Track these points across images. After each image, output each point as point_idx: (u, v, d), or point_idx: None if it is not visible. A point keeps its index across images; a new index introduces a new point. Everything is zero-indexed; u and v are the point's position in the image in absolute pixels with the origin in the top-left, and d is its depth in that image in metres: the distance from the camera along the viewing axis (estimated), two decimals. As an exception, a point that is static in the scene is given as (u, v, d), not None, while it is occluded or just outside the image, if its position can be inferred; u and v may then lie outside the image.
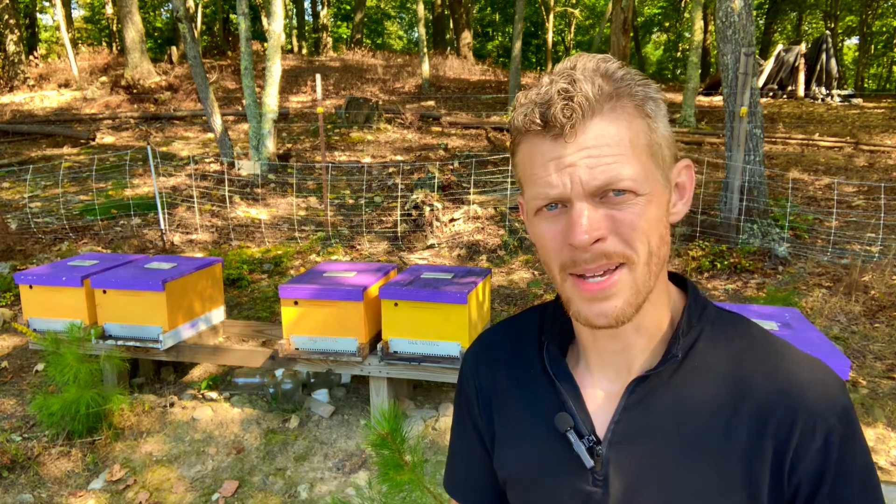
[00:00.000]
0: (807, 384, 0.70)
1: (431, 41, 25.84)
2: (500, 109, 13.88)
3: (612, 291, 0.68)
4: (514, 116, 0.70)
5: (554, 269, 0.71)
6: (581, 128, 0.65)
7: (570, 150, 0.65)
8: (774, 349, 0.74)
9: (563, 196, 0.66)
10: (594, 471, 0.73)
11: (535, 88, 0.68)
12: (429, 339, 3.38)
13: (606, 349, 0.76)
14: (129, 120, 13.72)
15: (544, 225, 0.70)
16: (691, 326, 0.75)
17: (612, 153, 0.65)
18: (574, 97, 0.65)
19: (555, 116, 0.65)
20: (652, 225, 0.68)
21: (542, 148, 0.67)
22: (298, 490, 3.06)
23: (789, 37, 29.04)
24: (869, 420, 3.46)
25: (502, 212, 7.27)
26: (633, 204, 0.66)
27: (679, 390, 0.73)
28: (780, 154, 9.97)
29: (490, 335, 0.91)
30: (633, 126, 0.67)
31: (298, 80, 16.90)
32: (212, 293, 4.09)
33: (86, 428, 3.44)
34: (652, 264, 0.69)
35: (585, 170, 0.65)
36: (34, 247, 6.81)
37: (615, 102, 0.66)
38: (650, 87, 0.69)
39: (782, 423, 0.69)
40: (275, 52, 9.13)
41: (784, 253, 5.87)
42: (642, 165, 0.67)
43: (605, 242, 0.66)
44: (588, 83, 0.65)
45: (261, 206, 8.19)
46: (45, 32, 30.47)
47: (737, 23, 6.12)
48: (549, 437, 0.77)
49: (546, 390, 0.80)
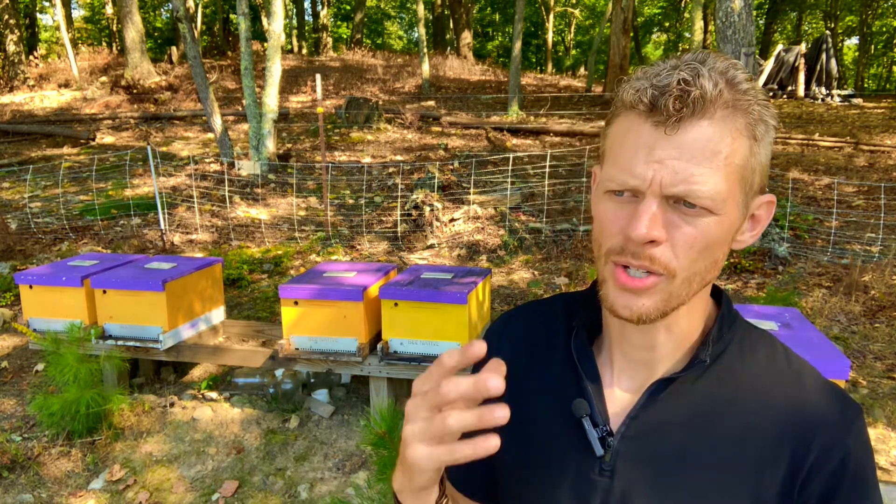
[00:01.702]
0: (827, 406, 0.71)
1: (431, 41, 25.84)
2: (501, 109, 13.88)
3: (647, 292, 0.67)
4: (623, 88, 0.68)
5: (601, 249, 0.70)
6: (685, 125, 0.63)
7: (666, 144, 0.63)
8: (797, 368, 0.75)
9: (639, 189, 0.65)
10: (602, 460, 0.74)
11: (657, 68, 0.65)
12: (429, 339, 3.38)
13: (634, 344, 0.76)
14: (129, 120, 13.73)
15: (609, 206, 0.69)
16: (721, 336, 0.75)
17: (703, 164, 0.63)
18: (691, 92, 0.62)
19: (665, 105, 0.63)
20: (710, 247, 0.66)
21: (638, 130, 0.65)
22: (298, 490, 3.06)
23: (789, 37, 29.05)
24: (869, 420, 3.46)
25: (502, 212, 7.27)
26: (702, 221, 0.65)
27: (700, 396, 0.73)
28: (780, 154, 9.97)
29: (517, 314, 0.91)
30: (736, 143, 0.64)
31: (298, 80, 16.90)
32: (212, 293, 4.09)
33: (86, 428, 3.44)
34: (693, 282, 0.68)
35: (670, 172, 0.63)
36: (34, 247, 6.81)
37: (728, 112, 0.64)
38: (768, 110, 0.67)
39: (800, 440, 0.69)
40: (275, 52, 9.13)
41: (784, 253, 5.87)
42: (727, 186, 0.64)
43: (657, 247, 0.65)
44: (710, 82, 0.63)
45: (261, 206, 8.19)
46: (45, 32, 30.48)
47: (737, 23, 6.12)
48: (560, 422, 0.77)
49: (565, 375, 0.80)
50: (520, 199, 7.69)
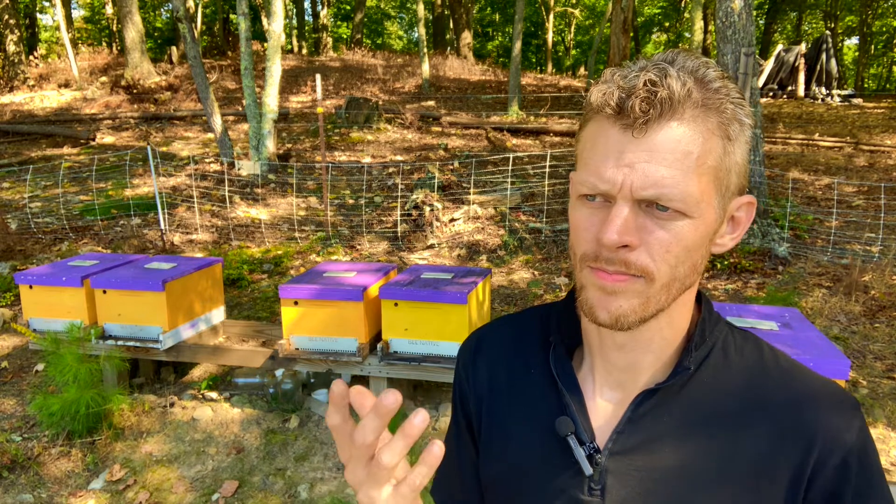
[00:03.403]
0: (823, 403, 0.70)
1: (431, 41, 25.84)
2: (501, 109, 13.88)
3: (621, 290, 0.65)
4: (592, 91, 0.66)
5: (576, 255, 0.69)
6: (654, 126, 0.61)
7: (635, 147, 0.62)
8: (787, 367, 0.73)
9: (609, 194, 0.63)
10: (592, 479, 0.71)
11: (625, 70, 0.64)
12: (429, 339, 3.38)
13: (615, 354, 0.74)
14: (129, 120, 13.73)
15: (582, 211, 0.67)
16: (704, 340, 0.73)
17: (673, 166, 0.61)
18: (658, 93, 0.61)
19: (632, 107, 0.61)
20: (688, 250, 0.64)
21: (607, 134, 0.64)
22: (298, 490, 3.06)
23: (789, 37, 29.05)
24: (869, 420, 3.47)
25: (502, 212, 7.27)
26: (676, 224, 0.63)
27: (687, 404, 0.71)
28: (780, 154, 9.97)
29: (489, 331, 0.88)
30: (708, 143, 0.63)
31: (298, 80, 16.90)
32: (212, 293, 4.09)
33: (86, 428, 3.44)
34: (672, 288, 0.66)
35: (640, 175, 0.61)
36: (34, 247, 6.81)
37: (699, 112, 0.62)
38: (742, 109, 0.65)
39: (799, 441, 0.68)
40: (275, 53, 9.13)
41: (784, 253, 5.87)
42: (700, 188, 0.63)
43: (630, 251, 0.63)
44: (678, 82, 0.61)
45: (261, 206, 8.19)
46: (45, 32, 30.48)
47: (737, 23, 6.12)
48: (544, 441, 0.75)
49: (546, 393, 0.77)
50: (520, 199, 7.69)
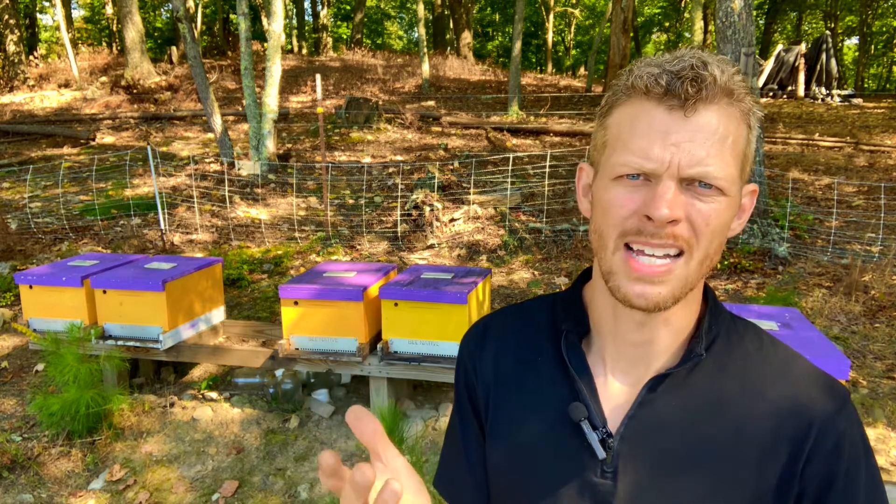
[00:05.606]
0: (818, 389, 0.73)
1: (431, 41, 25.84)
2: (500, 109, 13.88)
3: (663, 279, 0.67)
4: (629, 75, 0.69)
5: (610, 236, 0.69)
6: (701, 108, 0.65)
7: (681, 127, 0.65)
8: (783, 356, 0.76)
9: (656, 172, 0.65)
10: (605, 463, 0.73)
11: (662, 58, 0.67)
12: (429, 339, 3.38)
13: (630, 340, 0.75)
14: (129, 120, 13.73)
15: (620, 191, 0.68)
16: (711, 328, 0.76)
17: (716, 147, 0.65)
18: (705, 77, 0.64)
19: (683, 87, 0.64)
20: (721, 228, 0.68)
21: (651, 115, 0.66)
22: (298, 490, 3.06)
23: (789, 37, 29.04)
24: (869, 420, 3.46)
25: (502, 212, 7.27)
26: (715, 201, 0.66)
27: (695, 390, 0.73)
28: (780, 154, 9.97)
29: (494, 320, 0.89)
30: (739, 130, 0.67)
31: (298, 80, 16.90)
32: (212, 293, 4.09)
33: (86, 428, 3.44)
34: (704, 265, 0.69)
35: (687, 154, 0.64)
36: (34, 247, 6.81)
37: (730, 101, 0.66)
38: (756, 104, 0.70)
39: (798, 426, 0.71)
40: (275, 53, 9.13)
41: (784, 253, 5.87)
42: (734, 169, 0.67)
43: (677, 225, 0.66)
44: (718, 69, 0.65)
45: (261, 206, 8.19)
46: (45, 32, 30.48)
47: (737, 23, 6.12)
48: (555, 427, 0.76)
49: (556, 379, 0.79)
50: (520, 199, 7.69)
